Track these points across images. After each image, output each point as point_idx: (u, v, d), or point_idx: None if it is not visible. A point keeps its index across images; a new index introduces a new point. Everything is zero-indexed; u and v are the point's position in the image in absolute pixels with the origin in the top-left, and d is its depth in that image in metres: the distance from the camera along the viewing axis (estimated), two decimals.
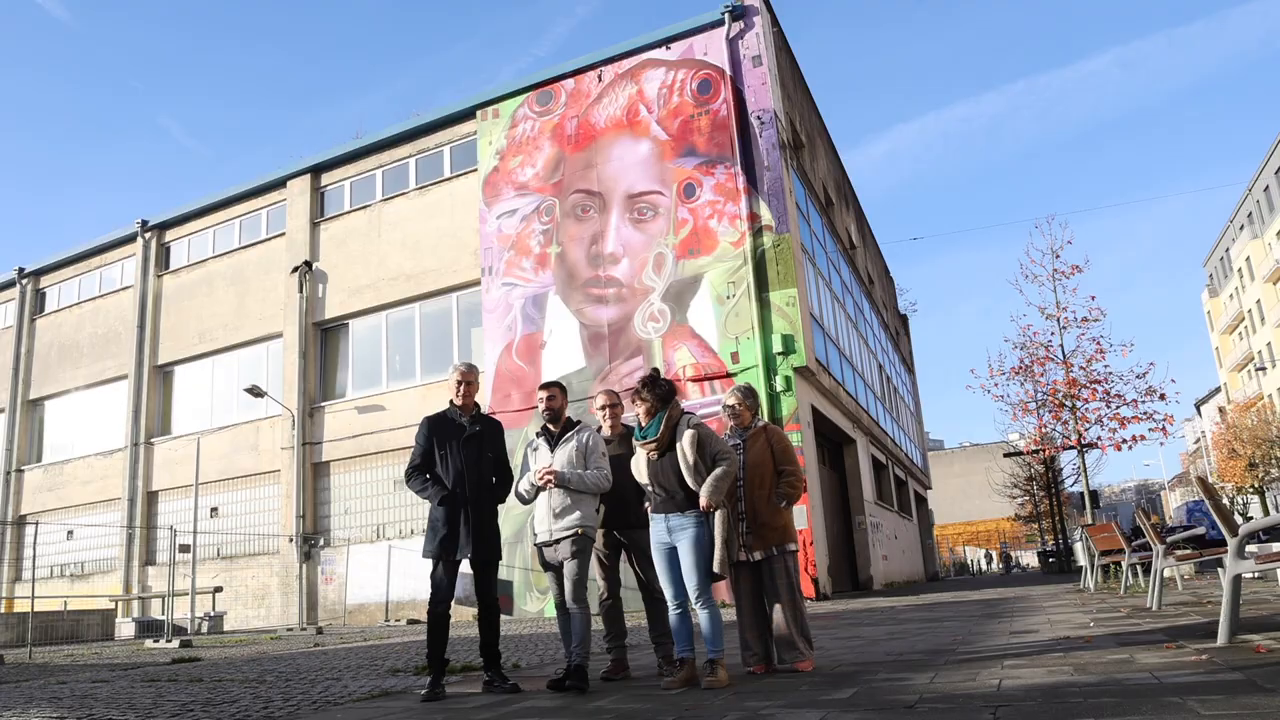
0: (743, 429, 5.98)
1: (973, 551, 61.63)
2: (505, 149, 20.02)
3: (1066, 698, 3.82)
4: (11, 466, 27.07)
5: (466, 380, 6.00)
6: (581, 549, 5.49)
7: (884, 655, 6.12)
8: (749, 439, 5.89)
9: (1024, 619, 8.75)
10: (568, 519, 5.50)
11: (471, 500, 5.72)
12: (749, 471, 5.75)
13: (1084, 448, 22.21)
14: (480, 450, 5.85)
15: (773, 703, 4.29)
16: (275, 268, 23.26)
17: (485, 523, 5.74)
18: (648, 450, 5.48)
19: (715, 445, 5.38)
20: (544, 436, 5.80)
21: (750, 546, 5.65)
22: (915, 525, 33.60)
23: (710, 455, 5.33)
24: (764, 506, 5.68)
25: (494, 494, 5.85)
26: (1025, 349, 23.84)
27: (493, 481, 5.86)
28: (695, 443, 5.32)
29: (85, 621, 18.72)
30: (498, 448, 6.00)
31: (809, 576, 15.39)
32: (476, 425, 5.93)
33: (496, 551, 5.84)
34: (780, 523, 5.69)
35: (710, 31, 18.18)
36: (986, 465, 51.51)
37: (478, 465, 5.79)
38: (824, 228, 21.72)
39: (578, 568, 5.47)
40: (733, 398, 6.06)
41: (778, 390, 16.26)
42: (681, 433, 5.38)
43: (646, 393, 5.52)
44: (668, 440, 5.39)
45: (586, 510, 5.57)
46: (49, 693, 6.71)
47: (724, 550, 5.14)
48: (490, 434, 5.99)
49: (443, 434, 5.88)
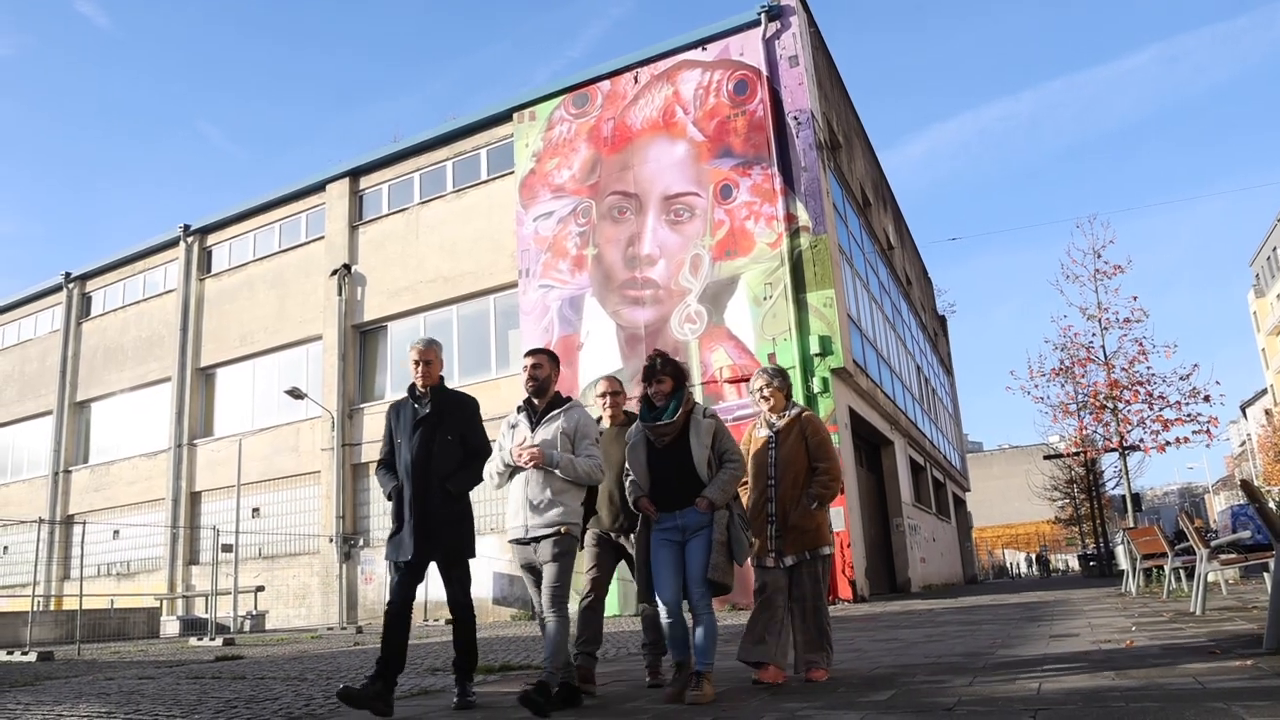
0: (775, 416, 5.41)
1: (1012, 554, 60.96)
2: (542, 151, 20.11)
3: (1108, 702, 3.78)
4: (60, 468, 27.59)
5: (424, 359, 5.30)
6: (565, 551, 4.81)
7: (922, 658, 6.08)
8: (782, 430, 5.34)
9: (1064, 623, 8.66)
10: (549, 514, 4.82)
11: (417, 493, 5.00)
12: (781, 467, 5.22)
13: (1126, 450, 21.95)
14: (434, 434, 5.09)
15: (810, 704, 4.28)
16: (315, 271, 23.54)
17: (436, 518, 4.98)
18: (658, 434, 4.90)
19: (727, 442, 4.92)
20: (525, 412, 5.09)
21: (782, 551, 5.13)
22: (954, 528, 33.30)
23: (720, 452, 4.89)
24: (795, 507, 5.17)
25: (459, 482, 5.05)
26: (1066, 350, 23.64)
27: (455, 468, 5.07)
28: (711, 434, 4.88)
29: (131, 619, 19.06)
30: (462, 427, 5.18)
31: (847, 579, 15.32)
32: (428, 406, 5.17)
33: (458, 549, 5.05)
34: (814, 524, 5.15)
35: (746, 32, 18.16)
36: (1026, 467, 50.92)
37: (428, 452, 5.05)
38: (861, 228, 21.61)
39: (558, 573, 4.79)
40: (760, 380, 5.49)
41: (815, 391, 16.20)
42: (699, 421, 4.90)
43: (663, 369, 4.95)
44: (681, 426, 4.88)
45: (571, 505, 4.90)
46: (97, 689, 6.84)
47: (724, 557, 4.70)
48: (450, 413, 5.19)
49: (399, 421, 5.28)
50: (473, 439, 5.19)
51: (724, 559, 4.70)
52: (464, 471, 5.11)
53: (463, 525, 5.10)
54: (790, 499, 5.18)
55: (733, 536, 4.78)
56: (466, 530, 5.12)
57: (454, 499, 5.05)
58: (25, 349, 30.20)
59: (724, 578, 4.69)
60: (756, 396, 5.50)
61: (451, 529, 5.02)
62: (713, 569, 4.66)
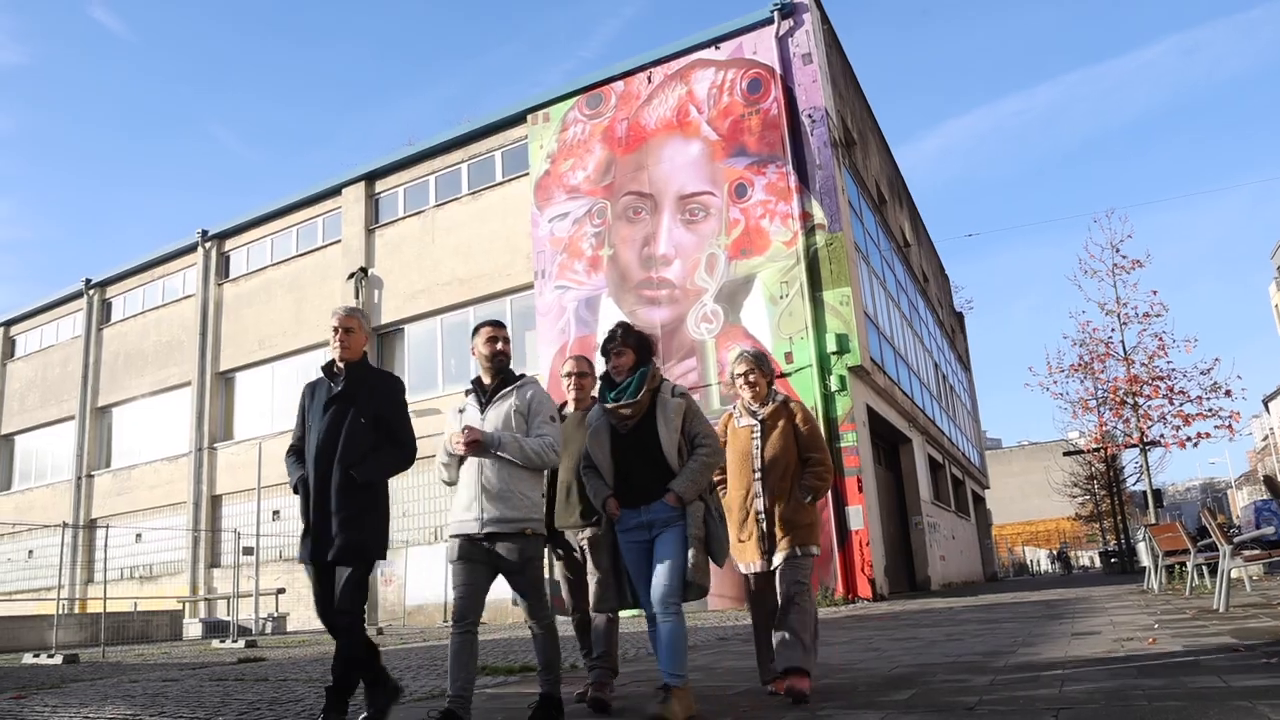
0: (758, 403, 4.93)
1: (1032, 551, 60.64)
2: (556, 152, 20.14)
3: (1131, 701, 3.77)
4: (82, 472, 27.82)
5: (345, 327, 4.59)
6: (532, 555, 4.24)
7: (942, 657, 6.06)
8: (767, 418, 4.84)
9: (1086, 620, 8.61)
10: (502, 508, 4.17)
11: (321, 483, 4.40)
12: (768, 459, 4.74)
13: (1146, 446, 21.78)
14: (345, 415, 4.45)
15: (831, 703, 4.28)
16: (332, 274, 23.64)
17: (338, 512, 4.35)
18: (619, 417, 4.33)
19: (698, 425, 4.34)
20: (474, 394, 4.48)
21: (770, 551, 4.67)
22: (973, 525, 33.15)
23: (690, 436, 4.31)
24: (786, 502, 4.69)
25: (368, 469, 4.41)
26: (1085, 345, 23.49)
27: (367, 454, 4.42)
28: (680, 415, 4.30)
29: (154, 622, 19.22)
30: (380, 408, 4.52)
31: (866, 577, 15.28)
32: (342, 383, 4.53)
33: (354, 546, 4.33)
34: (806, 521, 4.70)
35: (759, 30, 18.13)
36: (1046, 464, 50.59)
37: (337, 436, 4.41)
38: (877, 226, 21.55)
39: (533, 581, 4.25)
40: (743, 364, 4.94)
41: (832, 390, 16.16)
42: (666, 400, 4.31)
43: (623, 339, 4.39)
44: (647, 406, 4.31)
45: (533, 497, 4.29)
46: (122, 691, 6.90)
47: (703, 556, 4.18)
48: (367, 392, 4.54)
49: (312, 401, 4.64)
50: (392, 423, 4.53)
51: (702, 558, 4.17)
52: (375, 457, 4.44)
53: (366, 519, 4.39)
54: (781, 493, 4.70)
55: (711, 533, 4.26)
56: (371, 526, 4.42)
57: (359, 488, 4.38)
58: (48, 355, 30.47)
59: (700, 577, 4.17)
60: (739, 383, 4.96)
61: (352, 523, 4.34)
62: (692, 569, 4.12)
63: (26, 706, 6.00)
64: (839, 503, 15.61)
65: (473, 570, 4.21)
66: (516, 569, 4.21)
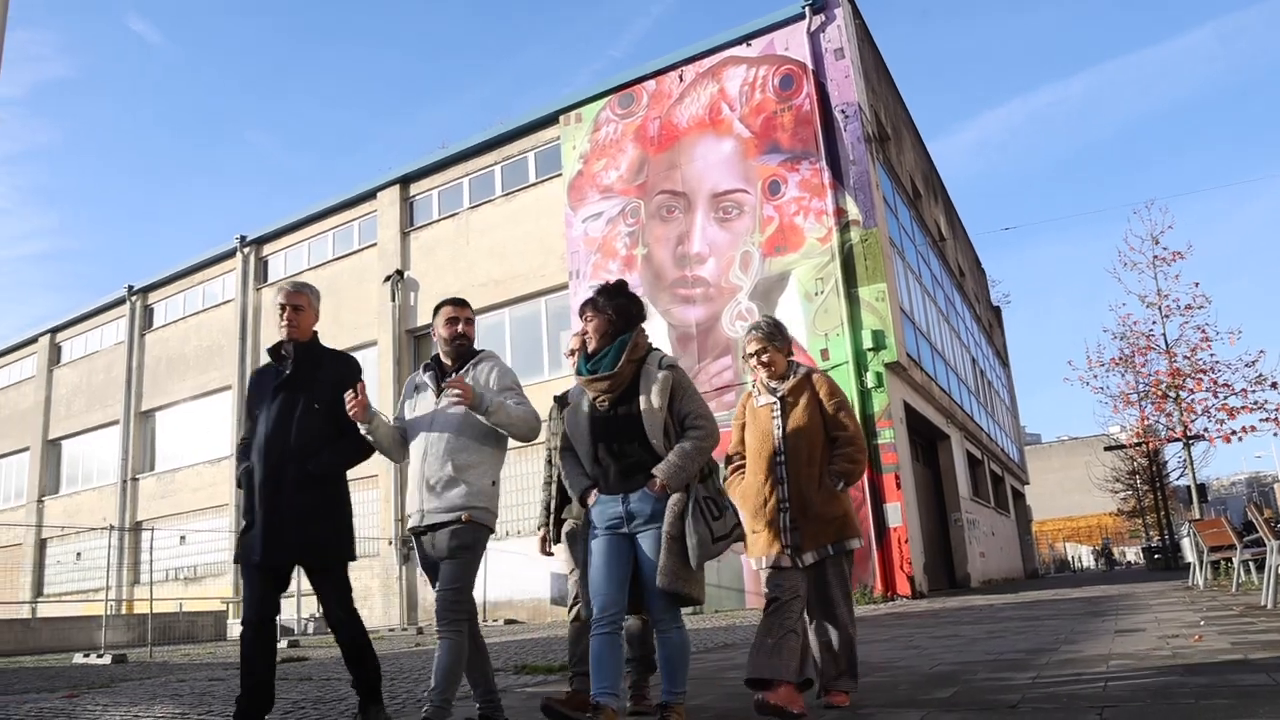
0: (776, 380, 4.37)
1: (1073, 548, 59.93)
2: (589, 152, 20.19)
3: (1177, 699, 3.72)
4: (127, 475, 28.28)
5: (292, 304, 4.20)
6: (465, 544, 3.81)
7: (983, 654, 6.02)
8: (788, 394, 4.29)
9: (1129, 618, 8.52)
10: (449, 495, 3.82)
11: (269, 477, 3.97)
12: (792, 441, 4.17)
13: (1190, 440, 21.51)
14: (295, 401, 4.05)
15: (872, 702, 4.27)
16: (368, 277, 23.86)
17: (291, 508, 3.92)
18: (595, 392, 3.80)
19: (690, 403, 3.79)
20: (432, 372, 4.15)
21: (800, 547, 4.10)
22: (1013, 521, 32.83)
23: (680, 416, 3.77)
24: (815, 490, 4.11)
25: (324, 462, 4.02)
26: (1125, 339, 23.29)
27: (322, 445, 4.02)
28: (666, 390, 3.73)
29: (199, 622, 19.51)
30: (334, 392, 4.05)
31: (905, 574, 15.19)
32: (290, 367, 4.15)
33: (320, 550, 4.00)
34: (839, 511, 4.14)
35: (791, 26, 18.06)
36: (1086, 459, 49.97)
37: (287, 423, 4.00)
38: (912, 220, 21.40)
39: (455, 573, 3.80)
40: (754, 343, 4.37)
41: (869, 387, 16.07)
42: (650, 372, 3.77)
43: (602, 303, 3.85)
44: (628, 379, 3.77)
45: (479, 485, 3.89)
46: (170, 690, 7.01)
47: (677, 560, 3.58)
48: (319, 376, 4.15)
49: (259, 389, 4.23)
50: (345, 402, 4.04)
51: (678, 561, 3.57)
52: (333, 449, 4.04)
53: (328, 519, 4.01)
54: (808, 479, 4.13)
55: (691, 531, 3.62)
56: (334, 525, 4.06)
57: (316, 483, 3.99)
58: (92, 361, 31.01)
59: (680, 585, 3.56)
60: (752, 363, 4.41)
61: (311, 524, 3.94)
62: (661, 574, 3.54)
63: (79, 705, 6.12)
64: (877, 499, 15.53)
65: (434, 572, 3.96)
66: (443, 555, 3.82)
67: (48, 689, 7.69)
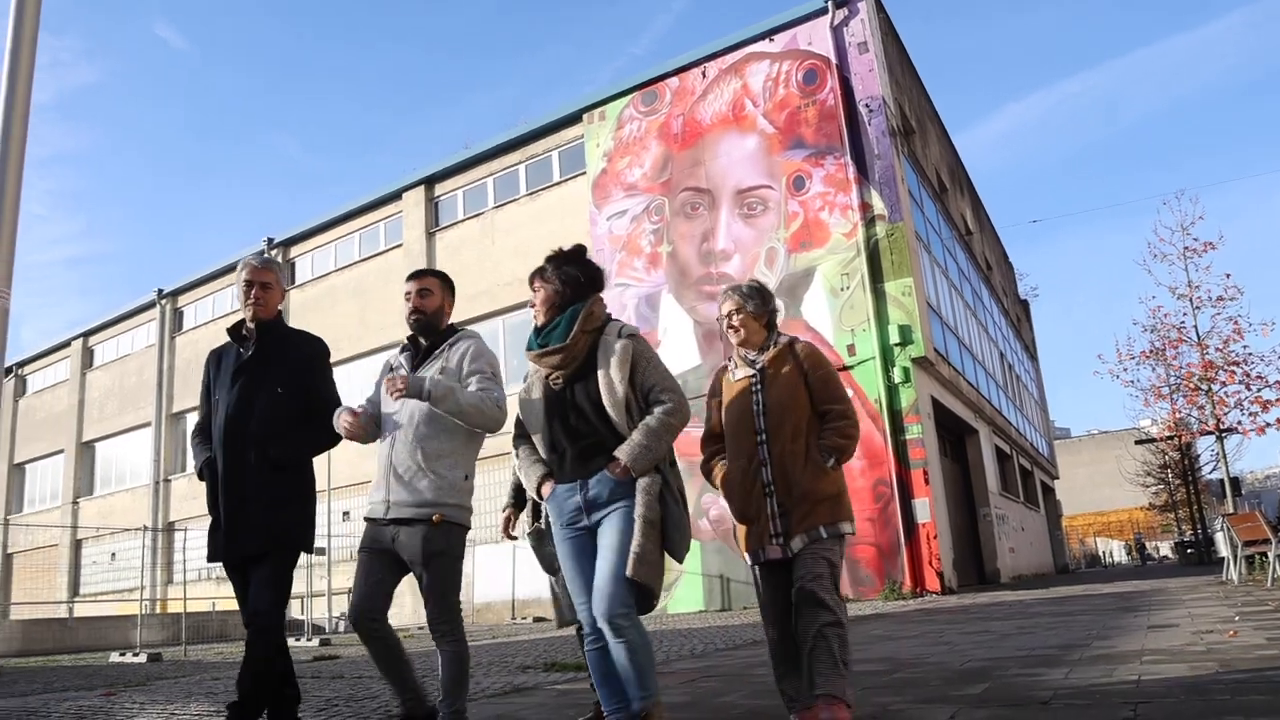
0: (754, 351, 3.84)
1: (1104, 543, 59.40)
2: (612, 150, 20.21)
3: (1211, 695, 3.70)
4: (160, 477, 28.62)
5: (259, 281, 3.93)
6: (441, 549, 3.52)
7: (1015, 650, 5.99)
8: (768, 365, 3.77)
9: (1162, 613, 8.44)
10: (418, 487, 3.52)
11: (230, 466, 3.72)
12: (774, 416, 3.65)
13: (1223, 433, 21.27)
14: (257, 384, 3.79)
15: (902, 698, 4.26)
16: (394, 278, 23.98)
17: (255, 498, 3.68)
18: (548, 368, 3.41)
19: (654, 374, 3.35)
20: (408, 353, 3.84)
21: (787, 534, 3.54)
22: (1042, 516, 32.58)
23: (644, 390, 3.33)
24: (801, 468, 3.58)
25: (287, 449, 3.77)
26: (1156, 331, 23.04)
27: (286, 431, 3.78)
28: (627, 360, 3.29)
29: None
30: (301, 376, 3.89)
31: (934, 570, 15.11)
32: (253, 347, 3.89)
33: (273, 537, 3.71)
34: (829, 491, 3.58)
35: (813, 20, 18.00)
36: (1117, 453, 49.51)
37: (249, 409, 3.74)
38: (938, 214, 21.27)
39: (439, 580, 3.52)
40: (729, 302, 3.88)
41: (896, 382, 16.00)
42: (609, 343, 3.35)
43: (549, 271, 3.51)
44: (584, 352, 3.36)
45: (451, 477, 3.57)
46: (205, 688, 7.09)
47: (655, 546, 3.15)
48: (283, 356, 3.90)
49: (218, 371, 3.96)
50: (319, 392, 3.90)
51: (653, 548, 3.13)
52: (297, 435, 3.79)
53: (288, 509, 3.76)
54: (792, 457, 3.60)
55: (670, 516, 3.22)
56: (295, 515, 3.80)
57: (280, 471, 3.75)
58: (124, 364, 31.39)
59: (651, 577, 3.12)
60: (723, 326, 3.91)
61: (272, 513, 3.69)
62: (636, 562, 3.07)
63: (116, 703, 6.21)
64: (905, 495, 15.46)
65: (376, 561, 3.60)
66: (419, 561, 3.48)
67: (86, 687, 7.80)
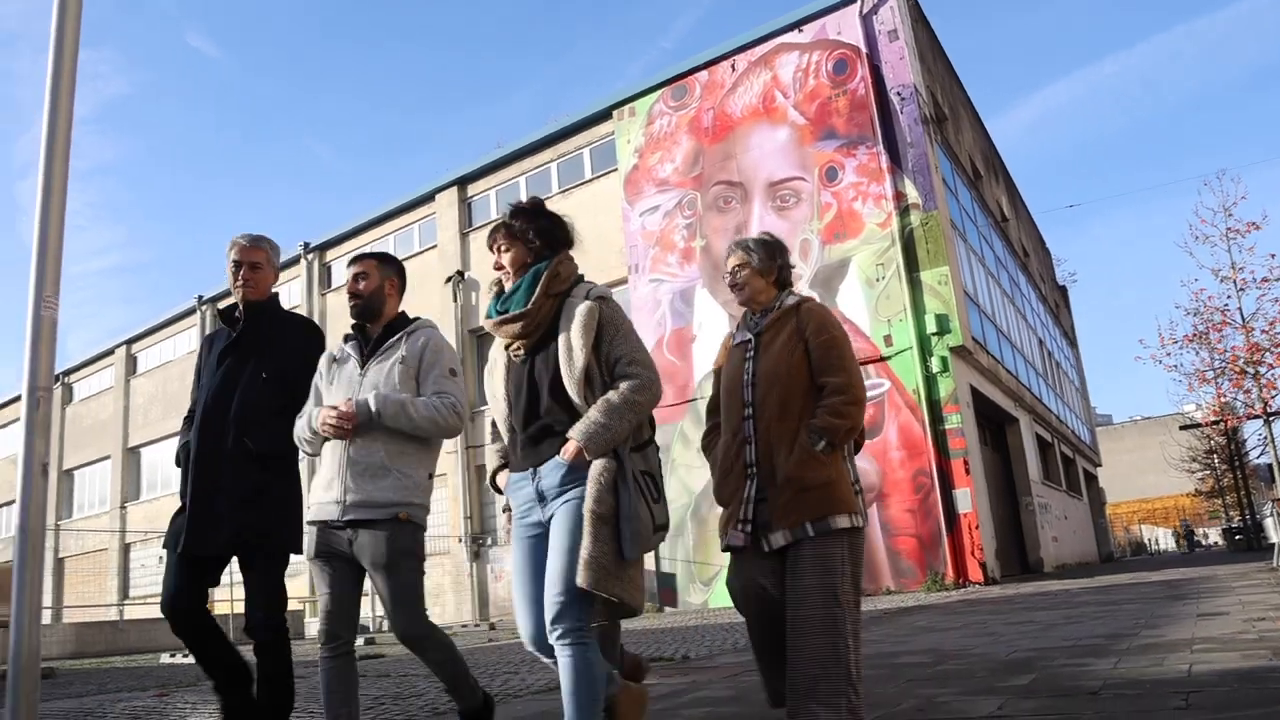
0: (759, 314, 3.34)
1: (1149, 530, 58.60)
2: (644, 146, 20.21)
3: (1266, 683, 3.64)
4: None
5: (249, 261, 3.67)
6: (404, 550, 3.13)
7: (1061, 640, 5.93)
8: (765, 329, 3.26)
9: (1212, 600, 8.31)
10: (379, 487, 3.13)
11: (204, 453, 3.47)
12: (760, 389, 3.15)
13: (1270, 416, 20.90)
14: (241, 367, 3.54)
15: (948, 690, 4.23)
16: (429, 279, 24.16)
17: (229, 490, 3.40)
18: (508, 337, 2.95)
19: (623, 345, 2.82)
20: (355, 343, 3.49)
21: (768, 524, 3.04)
22: (1086, 505, 32.21)
23: (610, 361, 2.80)
24: (786, 450, 3.05)
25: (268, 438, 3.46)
26: (1199, 315, 22.67)
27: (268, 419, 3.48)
28: (592, 326, 2.79)
29: None
30: (290, 360, 3.61)
31: (977, 560, 14.97)
32: (237, 329, 3.63)
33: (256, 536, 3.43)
34: (818, 479, 3.00)
35: (842, 10, 17.87)
36: (1161, 439, 48.89)
37: (230, 393, 3.49)
38: (973, 202, 21.07)
39: (402, 584, 3.12)
40: (733, 257, 3.37)
41: (934, 372, 15.88)
42: (573, 307, 2.87)
43: (518, 226, 3.03)
44: (548, 319, 2.90)
45: (414, 476, 3.22)
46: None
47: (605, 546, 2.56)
48: (272, 340, 3.64)
49: (208, 356, 3.71)
50: (300, 381, 3.53)
51: (605, 550, 2.56)
52: (281, 424, 3.43)
53: (263, 507, 3.43)
54: (778, 436, 3.09)
55: (623, 506, 2.63)
56: (278, 511, 3.49)
57: (259, 462, 3.45)
58: (167, 370, 31.86)
59: (609, 584, 2.55)
60: (729, 283, 3.41)
61: (250, 507, 3.39)
62: (584, 567, 2.53)
63: (169, 704, 6.32)
64: (946, 485, 15.35)
65: (337, 571, 3.20)
66: (380, 564, 3.10)
67: (139, 688, 7.95)
